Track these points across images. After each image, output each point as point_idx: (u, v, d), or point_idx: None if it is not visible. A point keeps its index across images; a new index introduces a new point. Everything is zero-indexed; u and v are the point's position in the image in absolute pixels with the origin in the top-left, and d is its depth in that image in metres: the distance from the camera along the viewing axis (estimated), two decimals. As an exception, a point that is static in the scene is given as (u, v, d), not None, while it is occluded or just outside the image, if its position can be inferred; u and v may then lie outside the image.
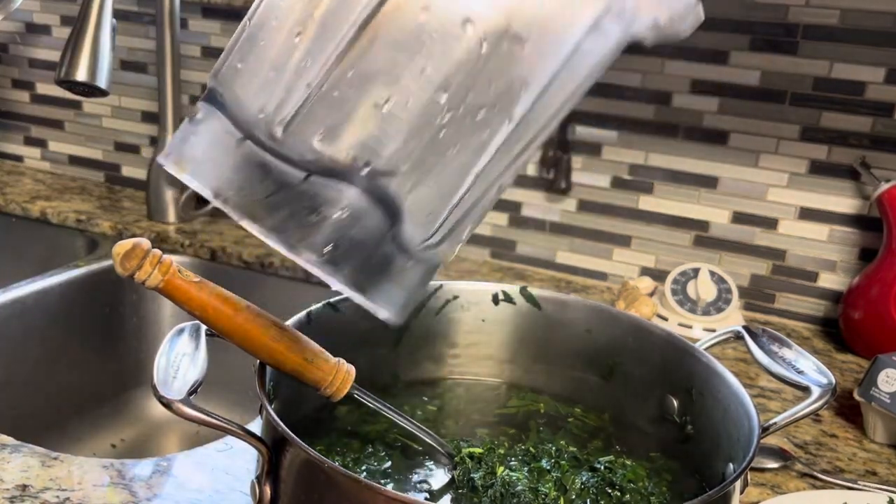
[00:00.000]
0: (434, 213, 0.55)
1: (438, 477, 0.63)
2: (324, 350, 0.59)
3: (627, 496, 0.61)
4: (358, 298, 0.55)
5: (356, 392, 0.60)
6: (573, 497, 0.60)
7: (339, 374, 0.59)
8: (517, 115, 0.57)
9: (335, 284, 0.55)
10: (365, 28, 0.53)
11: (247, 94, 0.56)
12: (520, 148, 0.58)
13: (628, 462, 0.66)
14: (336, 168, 0.52)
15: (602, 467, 0.64)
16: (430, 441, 0.64)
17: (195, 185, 0.57)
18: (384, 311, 0.56)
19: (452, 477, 0.63)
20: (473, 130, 0.55)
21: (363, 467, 0.63)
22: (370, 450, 0.66)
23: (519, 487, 0.59)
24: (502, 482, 0.59)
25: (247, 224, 0.55)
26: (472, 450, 0.64)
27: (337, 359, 0.60)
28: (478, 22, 0.53)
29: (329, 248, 0.54)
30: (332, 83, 0.53)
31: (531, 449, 0.66)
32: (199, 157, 0.57)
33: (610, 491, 0.62)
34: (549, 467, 0.63)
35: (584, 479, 0.62)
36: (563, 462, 0.64)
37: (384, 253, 0.55)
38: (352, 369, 0.60)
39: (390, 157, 0.53)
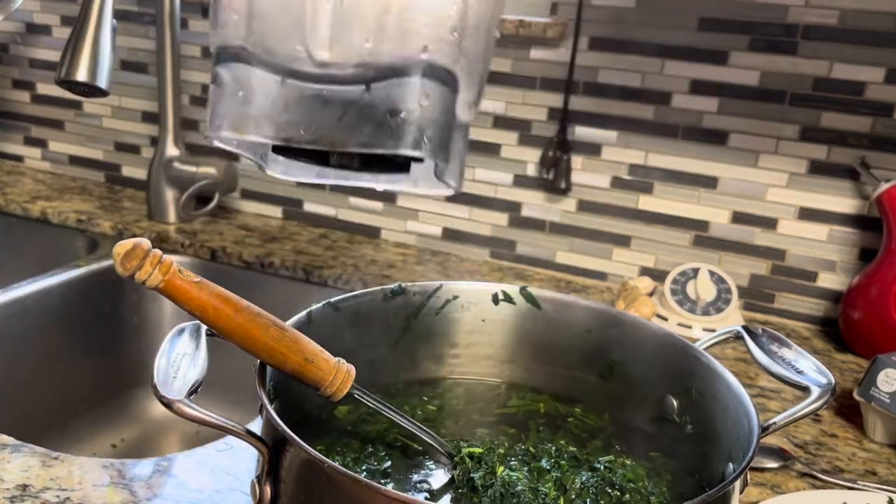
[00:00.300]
0: (476, 73, 0.58)
1: (438, 477, 0.64)
2: (324, 350, 0.60)
3: (627, 496, 0.61)
4: (453, 184, 0.57)
5: (356, 392, 0.61)
6: (573, 497, 0.60)
7: (339, 374, 0.59)
8: None
9: (436, 181, 0.57)
10: None
11: (277, 36, 0.57)
12: None
13: (628, 462, 0.66)
14: (395, 64, 0.53)
15: (602, 467, 0.64)
16: (429, 441, 0.64)
17: (261, 141, 0.58)
18: (455, 184, 0.59)
19: (452, 477, 0.63)
20: None
21: (363, 467, 0.63)
22: (370, 450, 0.66)
23: (519, 487, 0.59)
24: (502, 482, 0.59)
25: (335, 153, 0.57)
26: (471, 450, 0.64)
27: (337, 359, 0.60)
28: None
29: (426, 139, 0.55)
30: None
31: (531, 449, 0.66)
32: (251, 114, 0.58)
33: (610, 491, 0.62)
34: (548, 467, 0.63)
35: (583, 478, 0.62)
36: (562, 462, 0.64)
37: (451, 127, 0.57)
38: (352, 369, 0.60)
39: (441, 35, 0.54)
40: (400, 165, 0.61)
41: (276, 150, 0.61)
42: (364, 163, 0.60)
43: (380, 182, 0.62)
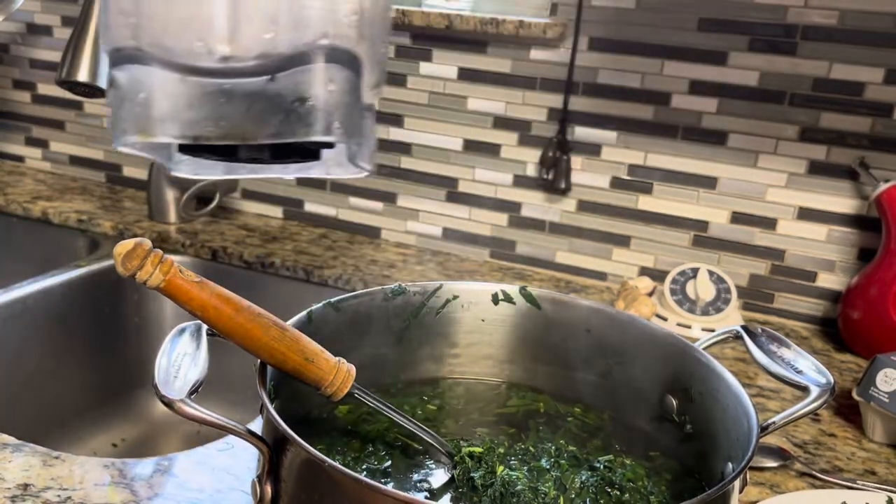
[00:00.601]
0: (377, 55, 0.58)
1: (438, 476, 0.64)
2: (324, 350, 0.60)
3: (627, 495, 0.62)
4: (367, 167, 0.58)
5: (356, 392, 0.61)
6: (573, 496, 0.60)
7: (339, 374, 0.59)
8: None
9: (349, 165, 0.58)
10: None
11: (172, 34, 0.55)
12: None
13: (627, 461, 0.66)
14: (297, 52, 0.53)
15: (601, 466, 0.64)
16: (429, 440, 0.64)
17: (168, 141, 0.57)
18: (368, 167, 0.59)
19: (452, 476, 0.63)
20: None
21: (363, 466, 0.64)
22: (370, 449, 0.66)
23: (518, 487, 0.59)
24: (502, 482, 0.59)
25: (244, 146, 0.56)
26: (471, 449, 0.64)
27: (337, 358, 0.60)
28: None
29: (336, 124, 0.56)
30: None
31: (531, 448, 0.66)
32: (155, 115, 0.56)
33: (609, 490, 0.62)
34: (548, 466, 0.63)
35: (583, 478, 0.62)
36: (562, 461, 0.64)
37: (359, 110, 0.57)
38: (352, 369, 0.60)
39: (340, 20, 0.55)
40: (311, 153, 0.61)
41: (183, 148, 0.60)
42: (274, 153, 0.59)
43: (290, 172, 0.62)
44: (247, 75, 0.55)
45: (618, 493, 0.62)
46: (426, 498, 0.61)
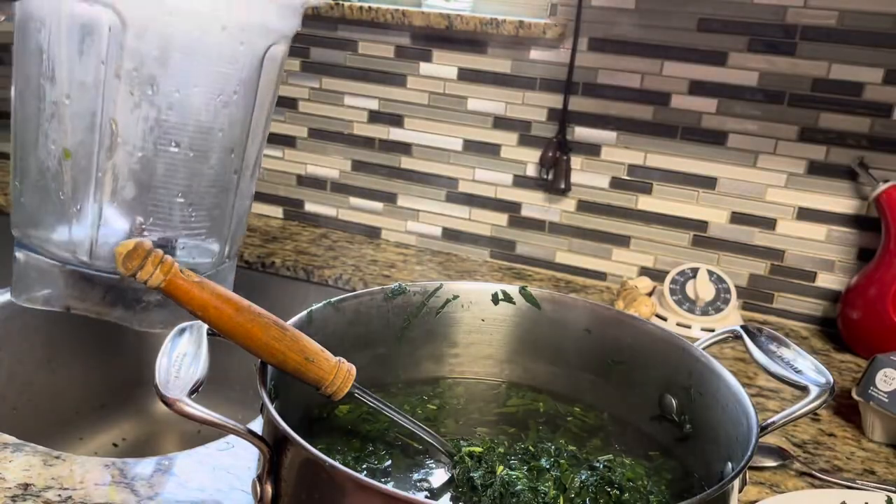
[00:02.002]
0: (202, 230, 0.86)
1: (438, 476, 0.64)
2: (325, 349, 0.60)
3: (627, 495, 0.62)
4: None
5: (356, 391, 0.61)
6: (572, 496, 0.60)
7: (339, 374, 0.59)
8: None
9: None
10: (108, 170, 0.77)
11: (49, 238, 0.80)
12: None
13: (627, 461, 0.66)
14: None
15: (601, 466, 0.64)
16: (429, 440, 0.64)
17: (50, 309, 0.84)
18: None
19: (452, 476, 0.63)
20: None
21: (364, 466, 0.64)
22: (370, 449, 0.66)
23: (518, 487, 0.59)
24: (501, 481, 0.60)
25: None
26: (471, 448, 0.64)
27: (338, 358, 0.60)
28: None
29: (161, 323, 0.85)
30: (103, 219, 0.78)
31: (531, 448, 0.66)
32: (41, 292, 0.83)
33: (609, 490, 0.62)
34: (548, 466, 0.63)
35: (582, 477, 0.62)
36: (562, 461, 0.64)
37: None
38: (352, 369, 0.61)
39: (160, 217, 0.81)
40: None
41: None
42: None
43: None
44: (107, 272, 0.80)
45: (617, 492, 0.62)
46: (426, 497, 0.61)
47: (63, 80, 0.75)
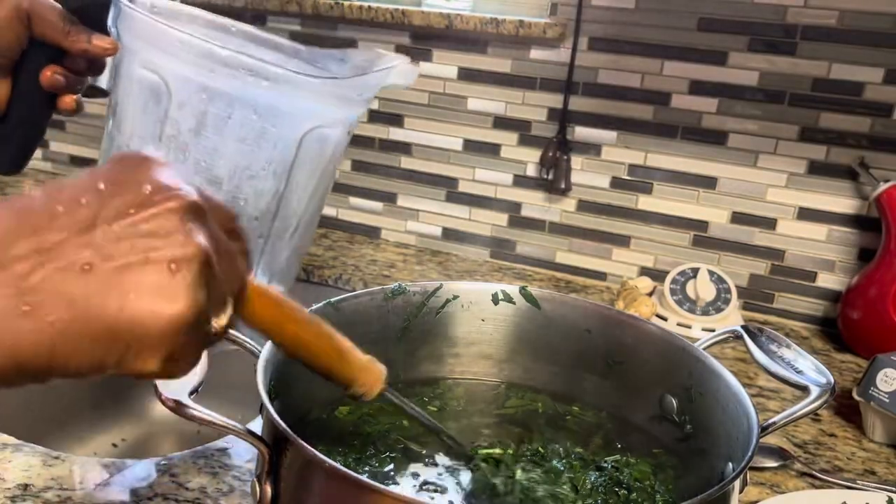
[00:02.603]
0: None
1: (439, 477, 0.64)
2: (355, 346, 0.55)
3: (634, 494, 0.61)
4: None
5: (388, 392, 0.57)
6: (585, 497, 0.60)
7: (371, 373, 0.55)
8: None
9: None
10: None
11: None
12: None
13: (632, 460, 0.66)
14: None
15: (609, 466, 0.64)
16: (448, 442, 0.64)
17: None
18: None
19: (458, 480, 0.63)
20: None
21: (364, 467, 0.64)
22: (371, 451, 0.66)
23: (539, 493, 0.59)
24: (521, 488, 0.59)
25: None
26: (489, 451, 0.64)
27: (368, 356, 0.56)
28: None
29: None
30: None
31: (540, 449, 0.66)
32: None
33: (618, 490, 0.62)
34: (562, 468, 0.63)
35: (592, 478, 0.62)
36: (574, 462, 0.64)
37: None
38: (384, 368, 0.57)
39: None
40: None
41: None
42: None
43: None
44: None
45: (625, 492, 0.62)
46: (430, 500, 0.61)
47: (127, 132, 0.90)
